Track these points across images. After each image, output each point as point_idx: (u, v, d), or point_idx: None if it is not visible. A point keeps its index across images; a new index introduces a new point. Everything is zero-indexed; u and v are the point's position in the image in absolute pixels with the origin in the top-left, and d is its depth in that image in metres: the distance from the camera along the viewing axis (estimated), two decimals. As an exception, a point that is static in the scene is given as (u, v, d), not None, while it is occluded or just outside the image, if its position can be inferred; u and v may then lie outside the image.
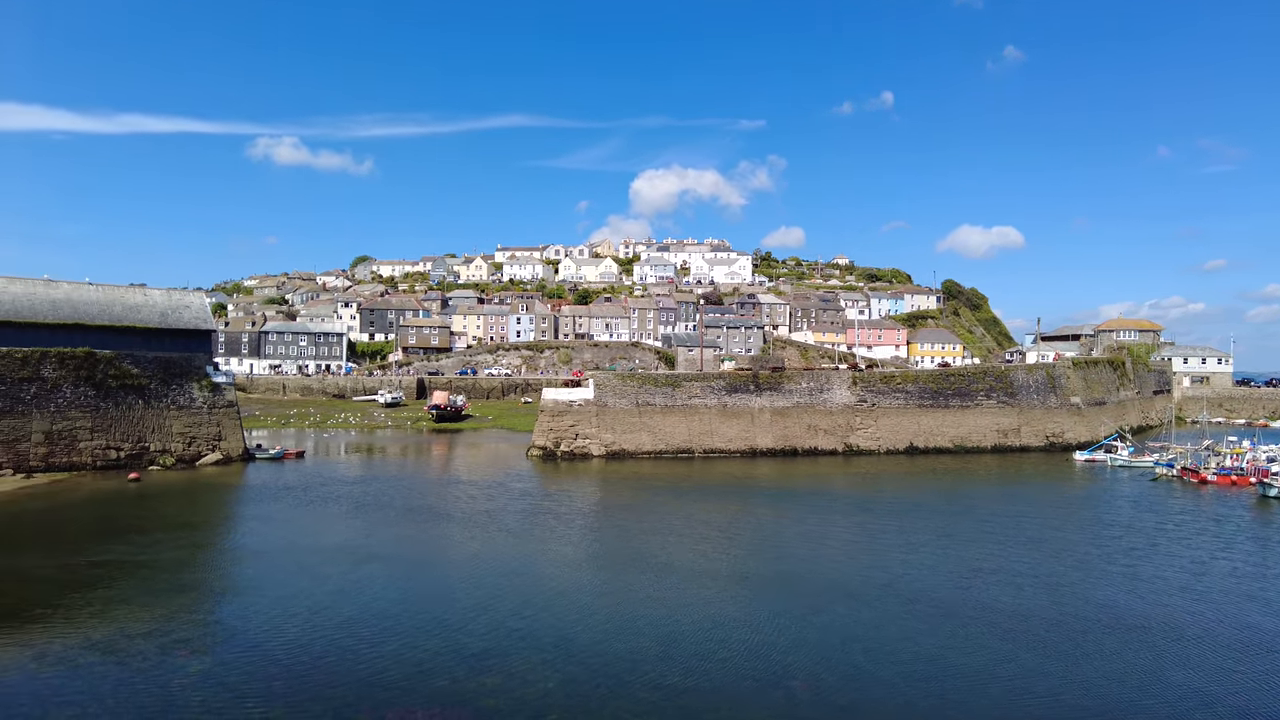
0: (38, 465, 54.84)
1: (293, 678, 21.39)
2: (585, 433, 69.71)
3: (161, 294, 68.15)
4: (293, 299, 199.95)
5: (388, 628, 25.63)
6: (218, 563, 35.16)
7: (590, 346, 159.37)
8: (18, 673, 21.28)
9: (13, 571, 31.02)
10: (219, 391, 64.75)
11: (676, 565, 34.17)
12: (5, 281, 60.39)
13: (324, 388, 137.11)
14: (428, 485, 55.35)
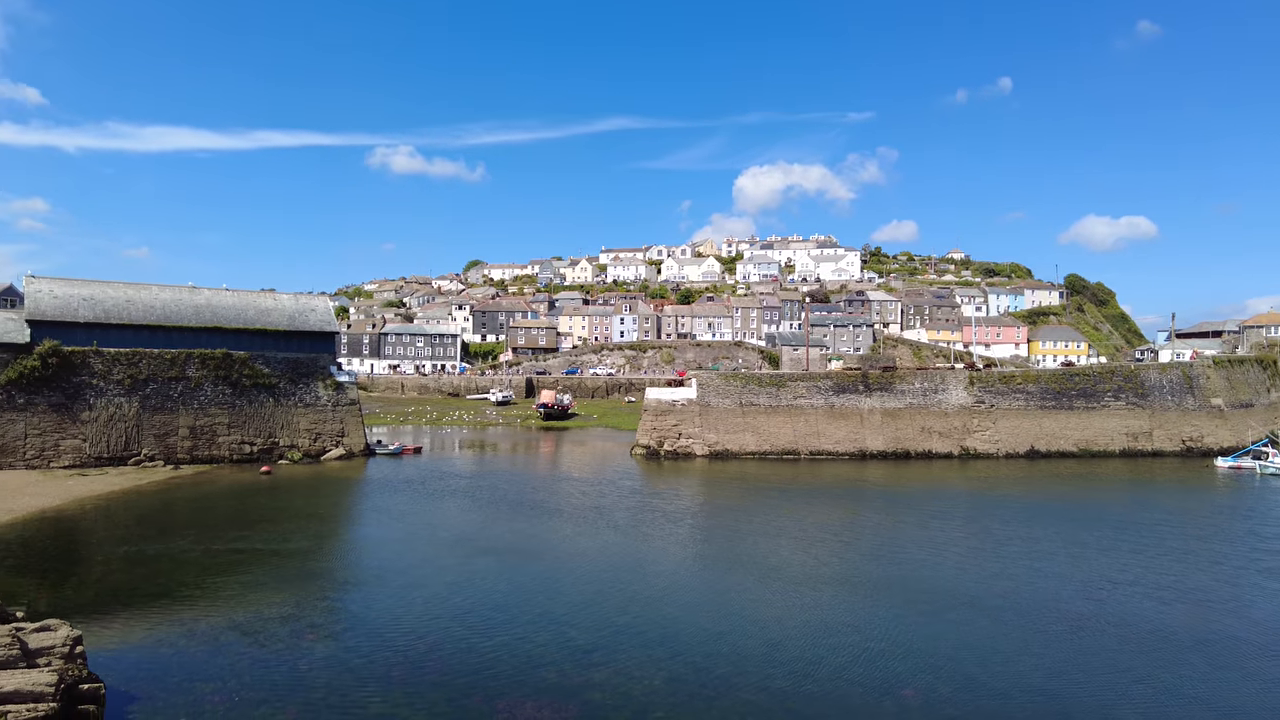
0: (184, 458, 59.49)
1: (410, 665, 22.37)
2: (688, 432, 69.78)
3: (290, 298, 72.58)
4: (410, 302, 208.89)
5: (499, 619, 26.45)
6: (342, 552, 37.22)
7: (693, 346, 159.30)
8: (170, 647, 23.16)
9: (167, 555, 33.76)
10: (342, 390, 68.38)
11: (783, 567, 33.74)
12: (157, 289, 65.83)
13: (439, 387, 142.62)
14: (537, 481, 56.75)
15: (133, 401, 58.75)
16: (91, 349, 58.17)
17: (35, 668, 17.22)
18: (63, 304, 59.41)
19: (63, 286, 61.36)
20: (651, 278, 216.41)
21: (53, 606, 24.81)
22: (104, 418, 57.55)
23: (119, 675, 20.31)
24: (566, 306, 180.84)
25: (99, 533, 38.42)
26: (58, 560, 33.15)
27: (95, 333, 59.07)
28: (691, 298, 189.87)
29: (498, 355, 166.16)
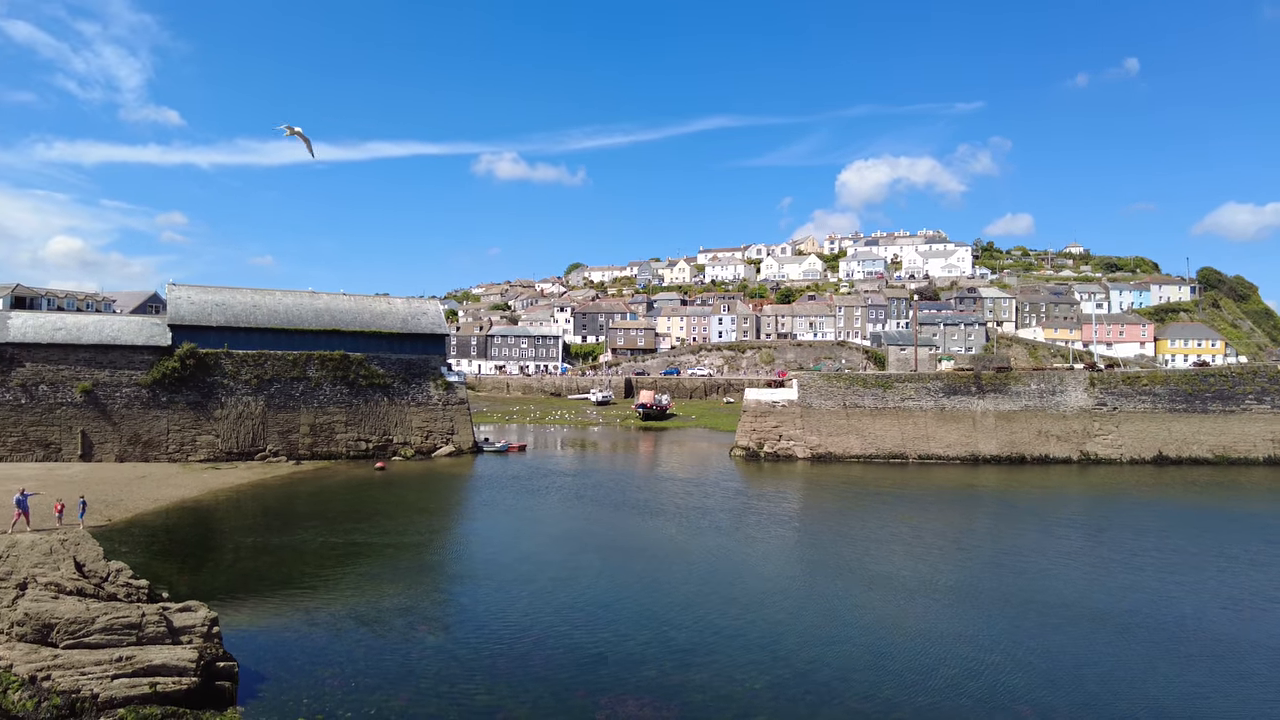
0: (304, 454, 62.96)
1: (515, 658, 22.93)
2: (789, 434, 68.78)
3: (402, 302, 75.71)
4: (514, 305, 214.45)
5: (602, 616, 26.78)
6: (452, 546, 38.57)
7: (793, 346, 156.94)
8: (293, 633, 24.55)
9: (289, 545, 35.82)
10: (452, 390, 70.84)
11: (889, 574, 32.79)
12: (281, 294, 69.96)
13: (542, 386, 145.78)
14: (637, 481, 57.20)
15: (259, 400, 62.63)
16: (223, 351, 62.37)
17: (179, 644, 18.59)
18: (198, 309, 63.93)
19: (198, 293, 66.03)
20: (750, 277, 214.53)
21: (192, 589, 26.69)
22: (234, 415, 61.60)
23: (249, 655, 21.64)
24: (665, 307, 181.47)
25: (230, 522, 41.14)
26: (195, 546, 35.68)
27: (226, 336, 63.32)
28: (792, 297, 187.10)
29: (597, 356, 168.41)
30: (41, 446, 55.59)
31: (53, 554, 21.07)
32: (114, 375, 58.42)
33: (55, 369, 56.95)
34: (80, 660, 17.21)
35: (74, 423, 56.74)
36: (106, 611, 18.46)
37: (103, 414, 57.64)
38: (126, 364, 58.97)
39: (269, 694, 19.79)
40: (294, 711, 18.79)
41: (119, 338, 59.99)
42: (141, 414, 58.74)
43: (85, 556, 21.51)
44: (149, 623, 18.61)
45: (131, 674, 17.33)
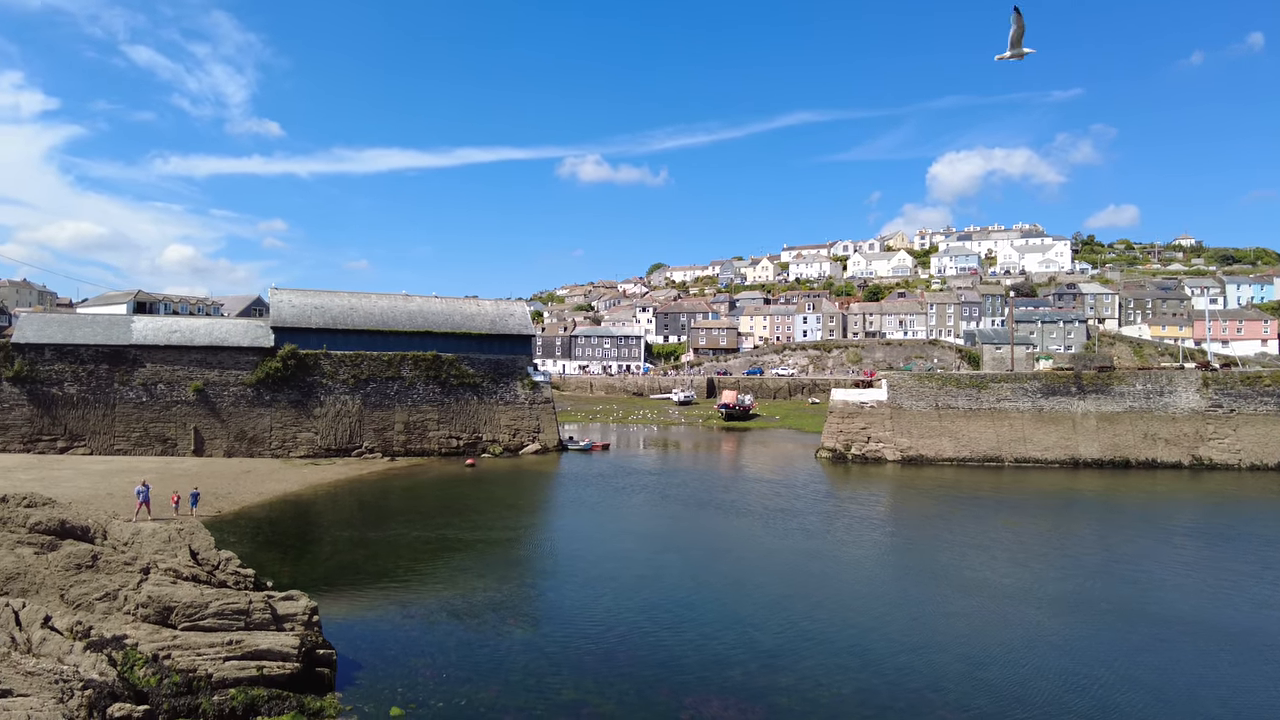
0: (399, 451, 65.15)
1: (601, 654, 23.13)
2: (878, 436, 67.14)
3: (491, 304, 77.48)
4: (597, 305, 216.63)
5: (686, 616, 26.74)
6: (539, 542, 39.23)
7: (882, 345, 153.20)
8: (388, 623, 25.42)
9: (384, 538, 37.12)
10: (538, 389, 72.09)
11: (983, 581, 31.60)
12: (376, 297, 72.63)
13: (624, 386, 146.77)
14: (721, 480, 56.90)
15: (356, 399, 65.16)
16: (322, 352, 65.14)
17: (283, 631, 19.50)
18: (299, 312, 66.97)
19: (299, 297, 69.18)
20: (836, 274, 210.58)
21: (293, 578, 27.99)
22: (332, 413, 64.26)
23: (346, 644, 22.51)
24: (747, 306, 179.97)
25: (328, 516, 42.93)
26: (296, 538, 37.38)
27: (325, 337, 66.10)
28: (880, 294, 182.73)
29: (679, 356, 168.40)
30: (160, 441, 59.31)
31: (170, 542, 22.42)
32: (223, 375, 61.81)
33: (171, 369, 60.65)
34: (196, 642, 18.25)
35: (188, 420, 60.31)
36: (218, 597, 19.51)
37: (213, 412, 61.07)
38: (234, 364, 62.30)
39: (365, 681, 20.54)
40: (389, 699, 19.44)
41: (227, 339, 63.45)
42: (247, 412, 61.96)
43: (199, 545, 22.81)
44: (256, 609, 19.58)
45: (240, 657, 18.27)
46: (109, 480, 45.06)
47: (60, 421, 57.40)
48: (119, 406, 58.88)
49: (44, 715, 12.98)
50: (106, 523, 23.92)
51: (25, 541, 20.65)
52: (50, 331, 59.89)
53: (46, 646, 16.68)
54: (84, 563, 19.93)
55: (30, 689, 13.98)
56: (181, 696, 17.12)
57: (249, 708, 17.38)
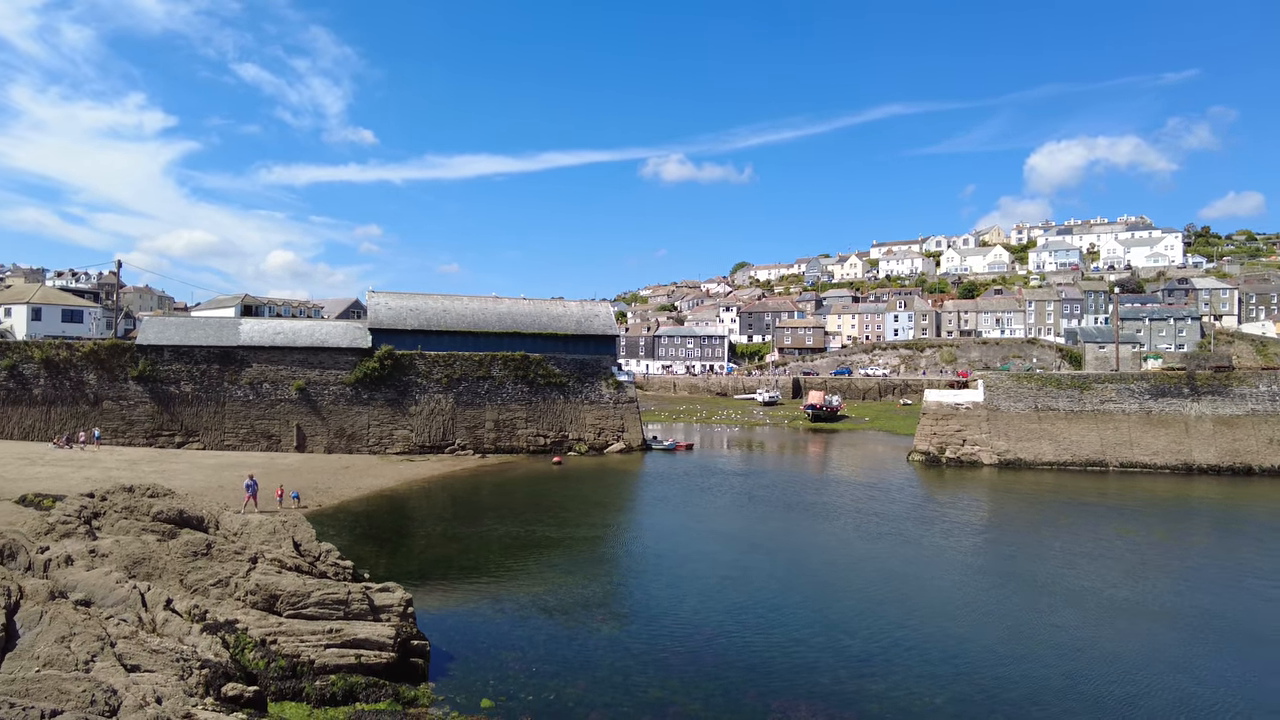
0: (489, 448, 66.70)
1: (686, 654, 23.07)
2: (973, 438, 64.78)
3: (576, 305, 78.46)
4: (680, 305, 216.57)
5: (772, 618, 26.42)
6: (625, 540, 39.45)
7: (977, 344, 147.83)
8: (479, 617, 26.04)
9: (475, 533, 38.05)
10: (622, 389, 72.59)
11: (1087, 592, 30.06)
12: (467, 299, 74.59)
13: (708, 386, 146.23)
14: (807, 482, 56.00)
15: (448, 398, 67.03)
16: (416, 352, 67.28)
17: (379, 621, 20.22)
18: (395, 314, 69.37)
19: (394, 299, 71.66)
20: (929, 271, 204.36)
21: (388, 571, 28.98)
22: (426, 412, 66.30)
23: (439, 635, 23.15)
24: (835, 305, 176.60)
25: (422, 511, 44.28)
26: (391, 532, 38.70)
27: (419, 338, 68.25)
28: (975, 291, 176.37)
29: (764, 356, 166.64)
30: (265, 438, 62.45)
31: (275, 534, 23.56)
32: (323, 375, 64.59)
33: (275, 369, 63.78)
34: (299, 629, 19.11)
35: (291, 417, 63.29)
36: (319, 587, 20.38)
37: (314, 410, 63.91)
38: (333, 364, 65.02)
39: (457, 672, 21.08)
40: (480, 691, 19.90)
41: (327, 341, 66.28)
42: (346, 410, 64.57)
43: (301, 537, 23.88)
44: (354, 600, 20.36)
45: (340, 645, 19.03)
46: (220, 474, 47.70)
47: (177, 418, 61.13)
48: (228, 404, 62.29)
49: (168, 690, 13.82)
50: (219, 514, 25.33)
51: (149, 529, 22.06)
52: (169, 334, 63.90)
53: (168, 627, 17.77)
54: (200, 550, 21.14)
55: (155, 665, 14.92)
56: (286, 680, 17.97)
57: (348, 694, 18.08)
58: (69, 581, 18.19)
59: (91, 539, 21.51)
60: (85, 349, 60.58)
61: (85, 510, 22.91)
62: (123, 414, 59.91)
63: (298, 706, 17.44)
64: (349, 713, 17.54)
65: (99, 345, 61.23)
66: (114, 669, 13.80)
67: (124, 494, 23.93)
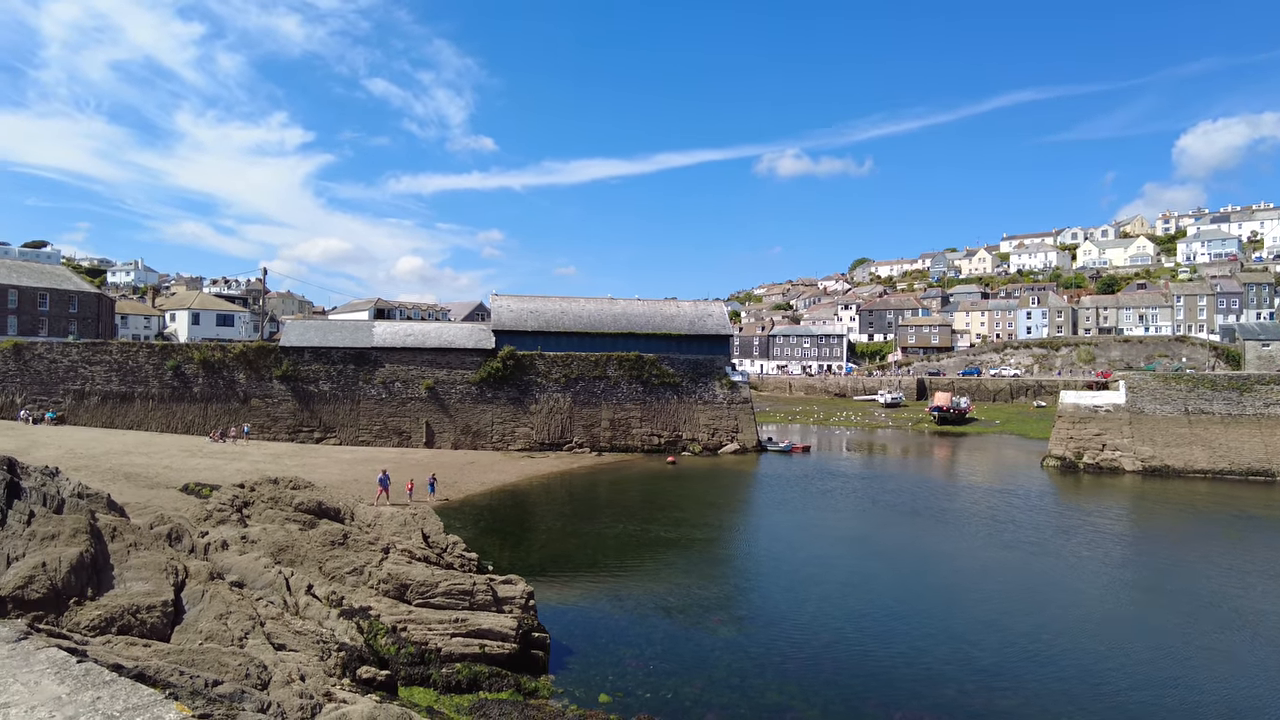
0: (605, 446, 67.72)
1: (805, 659, 22.65)
2: (1115, 443, 60.53)
3: (689, 305, 78.52)
4: (796, 304, 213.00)
5: (893, 627, 25.57)
6: (740, 541, 39.15)
7: (1118, 342, 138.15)
8: (598, 612, 26.47)
9: (594, 531, 38.72)
10: (736, 389, 72.10)
11: (1249, 614, 27.51)
12: (584, 301, 76.03)
13: (825, 387, 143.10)
14: (932, 487, 53.88)
15: (566, 397, 68.53)
16: (536, 353, 69.15)
17: (502, 613, 20.88)
18: (516, 316, 71.55)
19: (516, 302, 73.90)
20: (1064, 265, 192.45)
21: (511, 564, 29.90)
22: (545, 410, 68.02)
23: (559, 629, 23.68)
24: (962, 302, 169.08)
25: (542, 506, 45.45)
26: (514, 525, 39.92)
27: (539, 339, 70.13)
28: (1116, 285, 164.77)
29: (885, 355, 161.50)
30: (396, 434, 65.74)
31: (406, 525, 24.73)
32: (450, 374, 67.37)
33: (406, 369, 67.03)
34: (427, 618, 19.99)
35: (420, 414, 66.36)
36: (446, 578, 21.25)
37: (441, 407, 66.75)
38: (459, 364, 67.72)
39: (576, 666, 21.50)
40: (598, 686, 20.22)
41: (453, 342, 69.09)
42: (471, 408, 67.11)
43: (430, 529, 24.97)
44: (479, 591, 21.10)
45: (465, 634, 19.78)
46: (355, 468, 50.54)
47: (316, 415, 65.24)
48: (363, 402, 65.94)
49: (310, 669, 14.76)
50: (354, 505, 26.83)
51: (292, 519, 23.63)
52: (308, 336, 68.33)
53: (309, 611, 18.98)
54: (337, 540, 22.46)
55: (298, 646, 15.97)
56: (415, 666, 18.83)
57: (472, 682, 18.76)
58: (224, 564, 19.71)
59: (243, 526, 23.25)
60: (236, 350, 65.61)
61: (237, 500, 24.79)
62: (268, 411, 64.47)
63: (425, 692, 18.24)
64: (473, 701, 18.19)
65: (248, 347, 66.18)
66: (264, 646, 14.85)
67: (270, 485, 25.73)
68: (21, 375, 62.56)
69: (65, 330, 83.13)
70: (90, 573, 14.94)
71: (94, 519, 16.44)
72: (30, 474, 17.00)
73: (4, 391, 62.11)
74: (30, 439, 49.24)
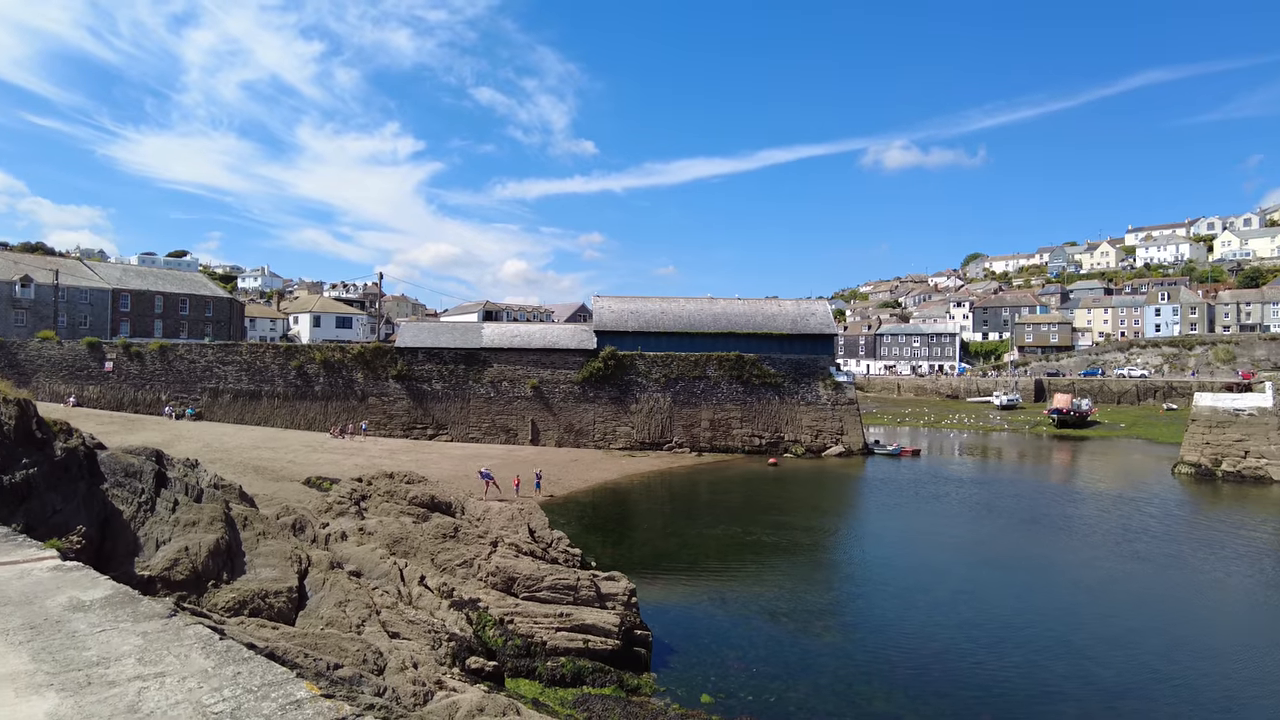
0: (705, 446, 67.56)
1: (914, 668, 21.93)
2: (1260, 450, 55.80)
3: (791, 303, 77.35)
4: (905, 301, 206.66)
5: (1008, 638, 24.41)
6: (845, 546, 38.28)
7: (1263, 340, 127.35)
8: (700, 612, 26.44)
9: (694, 529, 38.72)
10: (841, 390, 70.52)
11: None
12: (684, 301, 76.13)
13: (936, 388, 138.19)
14: (1050, 495, 51.15)
15: (666, 397, 68.76)
16: (637, 353, 69.68)
17: (605, 609, 21.14)
18: (616, 317, 72.33)
19: (616, 303, 74.71)
20: (1198, 257, 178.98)
21: (613, 560, 30.18)
22: (645, 410, 68.46)
23: (660, 627, 23.76)
24: (1084, 298, 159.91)
25: (642, 505, 45.77)
26: (615, 523, 40.37)
27: (639, 339, 70.65)
28: (1260, 279, 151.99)
29: (1001, 355, 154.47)
30: (504, 431, 67.61)
31: (513, 520, 25.38)
32: (554, 374, 68.76)
33: (513, 369, 68.85)
34: (533, 611, 20.46)
35: (526, 413, 68.01)
36: (552, 573, 21.69)
37: (546, 406, 68.21)
38: (563, 364, 69.03)
39: (678, 665, 21.52)
40: (700, 686, 20.18)
41: (557, 343, 70.50)
42: (574, 407, 68.28)
43: (536, 525, 25.54)
44: (583, 586, 21.44)
45: (570, 629, 20.13)
46: (465, 464, 52.26)
47: (429, 412, 67.85)
48: (472, 401, 68.13)
49: (422, 657, 15.37)
50: (464, 500, 27.75)
51: (406, 512, 24.66)
52: (422, 337, 71.21)
53: (422, 601, 19.76)
54: (448, 533, 23.29)
55: (411, 635, 16.65)
56: (521, 658, 19.31)
57: (576, 676, 19.08)
58: (343, 554, 20.76)
59: (360, 518, 24.44)
60: (354, 351, 69.04)
61: (355, 493, 26.08)
62: (384, 408, 67.49)
63: (531, 684, 18.68)
64: (577, 695, 18.50)
65: (365, 348, 69.53)
66: (379, 634, 15.57)
67: (385, 480, 26.94)
68: (166, 374, 67.79)
69: (202, 333, 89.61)
70: (225, 558, 16.04)
71: (228, 508, 17.64)
72: (174, 465, 18.40)
73: (152, 389, 67.48)
74: (174, 433, 53.27)
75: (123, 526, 15.34)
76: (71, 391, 66.03)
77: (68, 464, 14.32)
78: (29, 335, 71.60)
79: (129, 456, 17.25)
